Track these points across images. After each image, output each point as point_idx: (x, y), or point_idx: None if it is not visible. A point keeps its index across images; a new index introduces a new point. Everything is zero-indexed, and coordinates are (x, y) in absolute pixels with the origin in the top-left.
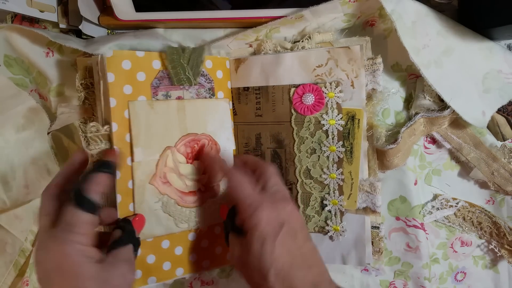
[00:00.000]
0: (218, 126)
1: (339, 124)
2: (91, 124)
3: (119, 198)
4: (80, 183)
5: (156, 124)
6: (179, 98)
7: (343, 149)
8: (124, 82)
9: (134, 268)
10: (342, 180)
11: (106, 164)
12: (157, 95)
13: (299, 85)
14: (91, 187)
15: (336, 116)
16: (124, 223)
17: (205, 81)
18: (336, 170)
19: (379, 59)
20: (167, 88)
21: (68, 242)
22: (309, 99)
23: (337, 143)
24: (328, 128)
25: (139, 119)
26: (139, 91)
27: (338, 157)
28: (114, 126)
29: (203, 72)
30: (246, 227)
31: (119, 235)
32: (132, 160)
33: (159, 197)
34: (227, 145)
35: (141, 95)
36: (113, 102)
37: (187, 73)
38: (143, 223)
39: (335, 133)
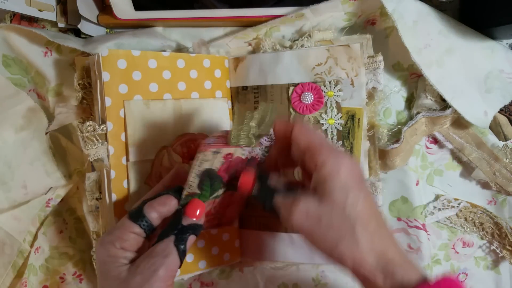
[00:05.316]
0: (216, 125)
1: (338, 124)
2: (88, 123)
3: (114, 197)
4: (147, 199)
5: (152, 124)
6: (228, 155)
7: (343, 149)
8: (119, 81)
9: (174, 264)
10: None
11: (177, 189)
12: (206, 151)
13: (298, 84)
14: (153, 204)
15: (336, 115)
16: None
17: (266, 140)
18: None
19: (380, 57)
20: (220, 145)
21: (104, 243)
22: (308, 98)
23: (336, 142)
24: (327, 127)
25: (135, 118)
26: (135, 90)
27: None
28: (110, 125)
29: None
30: (319, 176)
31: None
32: (127, 160)
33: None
34: None
35: (137, 94)
36: (108, 101)
37: (249, 135)
38: (198, 207)
39: (335, 132)
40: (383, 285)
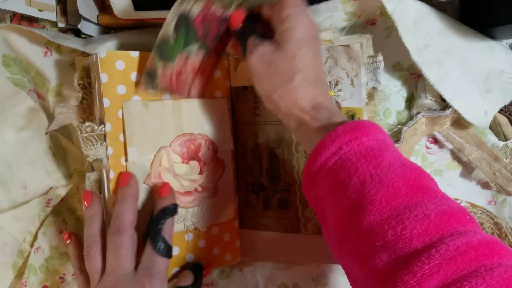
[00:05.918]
0: (215, 125)
1: None
2: (86, 124)
3: (113, 198)
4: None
5: (150, 124)
6: (209, 3)
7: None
8: (117, 82)
9: (165, 266)
10: None
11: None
12: None
13: None
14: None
15: None
16: (197, 272)
17: None
18: None
19: (380, 57)
20: None
21: None
22: None
23: None
24: None
25: (133, 119)
26: (133, 91)
27: None
28: (108, 126)
29: None
30: (281, 28)
31: (189, 284)
32: (126, 160)
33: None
34: (225, 145)
35: (136, 95)
36: (106, 102)
37: None
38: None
39: None
40: (311, 123)
